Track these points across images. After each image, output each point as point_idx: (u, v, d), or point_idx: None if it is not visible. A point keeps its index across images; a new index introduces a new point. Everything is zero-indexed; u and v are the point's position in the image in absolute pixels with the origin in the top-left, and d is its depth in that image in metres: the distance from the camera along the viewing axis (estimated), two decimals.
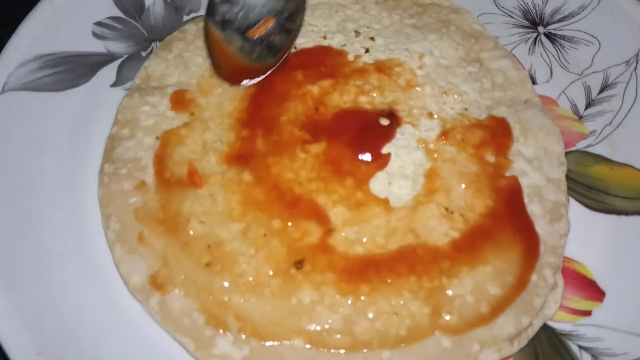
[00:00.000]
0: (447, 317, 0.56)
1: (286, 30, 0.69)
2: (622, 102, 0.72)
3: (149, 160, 0.65)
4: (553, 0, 0.80)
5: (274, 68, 0.69)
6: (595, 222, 0.66)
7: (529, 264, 0.60)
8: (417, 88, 0.69)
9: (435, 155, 0.65)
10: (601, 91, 0.73)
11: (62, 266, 0.60)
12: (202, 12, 0.78)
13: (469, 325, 0.56)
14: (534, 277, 0.59)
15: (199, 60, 0.72)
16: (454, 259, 0.59)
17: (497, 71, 0.73)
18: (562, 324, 0.60)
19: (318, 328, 0.56)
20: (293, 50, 0.72)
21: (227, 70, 0.69)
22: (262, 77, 0.69)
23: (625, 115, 0.71)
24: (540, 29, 0.79)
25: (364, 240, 0.60)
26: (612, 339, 0.58)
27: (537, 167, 0.66)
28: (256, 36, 0.68)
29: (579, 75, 0.75)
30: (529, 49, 0.78)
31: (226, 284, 0.58)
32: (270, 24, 0.69)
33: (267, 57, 0.69)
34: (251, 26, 0.68)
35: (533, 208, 0.63)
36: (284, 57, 0.69)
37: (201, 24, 0.75)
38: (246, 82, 0.68)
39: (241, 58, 0.68)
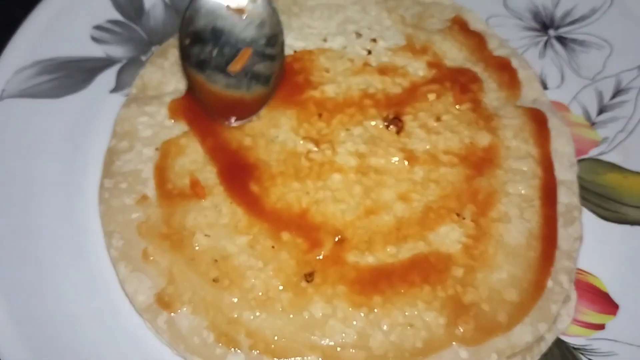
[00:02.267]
0: (464, 327, 0.57)
1: (269, 57, 0.68)
2: (635, 108, 0.73)
3: (150, 172, 0.65)
4: (564, 3, 0.80)
5: (269, 99, 0.68)
6: (609, 232, 0.67)
7: (545, 269, 0.61)
8: (422, 89, 0.70)
9: (445, 160, 0.65)
10: (613, 97, 0.74)
11: (62, 279, 0.61)
12: None
13: (486, 335, 0.57)
14: (549, 283, 0.60)
15: None
16: (468, 266, 0.60)
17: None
18: (576, 338, 0.61)
19: (332, 343, 0.56)
20: (292, 53, 0.72)
21: (220, 108, 0.67)
22: (259, 110, 0.68)
23: (638, 122, 0.72)
24: (551, 32, 0.79)
25: (375, 249, 0.60)
26: (626, 354, 0.60)
27: None
28: (238, 70, 0.67)
29: (591, 80, 0.76)
30: (540, 52, 0.78)
31: (235, 300, 0.58)
32: (248, 54, 0.67)
33: (257, 88, 0.67)
34: (230, 61, 0.67)
35: None
36: (276, 83, 0.68)
37: None
38: (245, 121, 0.67)
39: (230, 94, 0.67)
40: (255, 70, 0.67)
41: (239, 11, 0.67)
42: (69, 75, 0.71)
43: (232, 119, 0.67)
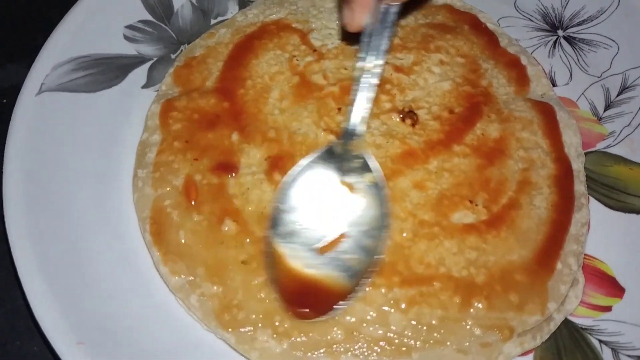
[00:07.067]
0: (477, 306, 0.62)
1: (364, 250, 0.63)
2: None
3: (180, 163, 0.70)
4: (572, 4, 0.86)
5: (350, 296, 0.61)
6: (615, 220, 0.72)
7: (554, 252, 0.66)
8: (436, 85, 0.75)
9: (458, 150, 0.71)
10: (620, 93, 0.79)
11: (99, 259, 0.66)
12: (229, 15, 0.85)
13: (499, 313, 0.62)
14: (559, 265, 0.66)
15: (220, 65, 0.78)
16: (480, 249, 0.65)
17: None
18: (583, 319, 0.66)
19: (353, 320, 0.62)
20: (312, 52, 0.78)
21: (292, 291, 0.61)
22: (333, 311, 0.61)
23: None
24: (560, 32, 0.85)
25: (392, 234, 0.65)
26: (632, 334, 0.64)
27: None
28: (327, 253, 0.62)
29: (598, 77, 0.81)
30: (549, 52, 0.84)
31: (262, 280, 0.63)
32: (344, 240, 0.63)
33: (340, 279, 0.62)
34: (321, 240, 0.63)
35: None
36: (361, 281, 0.62)
37: (222, 30, 0.81)
38: (318, 319, 0.61)
39: (309, 276, 0.61)
40: (345, 261, 0.62)
41: (348, 186, 0.65)
42: (104, 72, 0.77)
43: (304, 310, 0.61)
